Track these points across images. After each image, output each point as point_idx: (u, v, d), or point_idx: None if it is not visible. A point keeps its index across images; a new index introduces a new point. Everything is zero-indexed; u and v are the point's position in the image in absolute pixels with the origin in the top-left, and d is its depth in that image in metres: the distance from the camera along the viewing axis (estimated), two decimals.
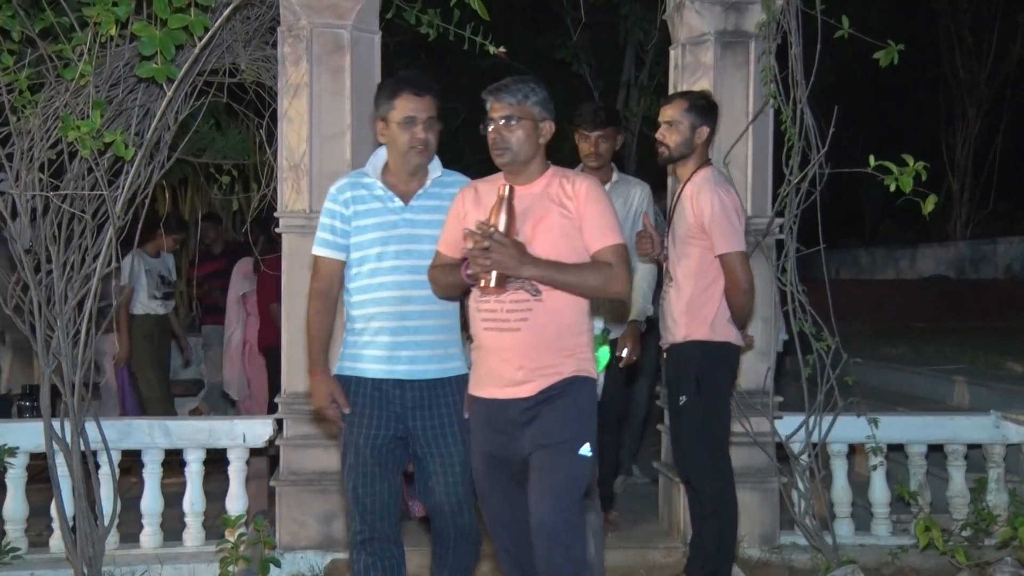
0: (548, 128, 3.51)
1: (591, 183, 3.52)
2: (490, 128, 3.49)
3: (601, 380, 4.10)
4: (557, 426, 3.43)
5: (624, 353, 4.91)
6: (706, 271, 4.37)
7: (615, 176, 5.19)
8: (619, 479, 6.50)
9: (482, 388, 3.55)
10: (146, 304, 7.41)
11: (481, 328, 3.52)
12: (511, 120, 3.45)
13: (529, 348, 3.44)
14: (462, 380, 3.71)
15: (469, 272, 3.40)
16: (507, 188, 3.36)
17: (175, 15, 4.19)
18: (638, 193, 5.14)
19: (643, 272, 5.07)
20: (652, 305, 5.16)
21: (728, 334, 4.42)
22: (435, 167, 3.80)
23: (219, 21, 4.51)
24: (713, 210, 4.27)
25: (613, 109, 5.39)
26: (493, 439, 3.53)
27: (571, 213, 3.45)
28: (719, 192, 4.28)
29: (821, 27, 4.81)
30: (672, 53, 5.45)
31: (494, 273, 3.33)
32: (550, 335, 3.44)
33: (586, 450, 3.44)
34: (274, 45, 5.14)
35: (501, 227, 3.31)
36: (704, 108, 4.49)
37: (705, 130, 4.46)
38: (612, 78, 11.85)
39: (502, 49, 5.02)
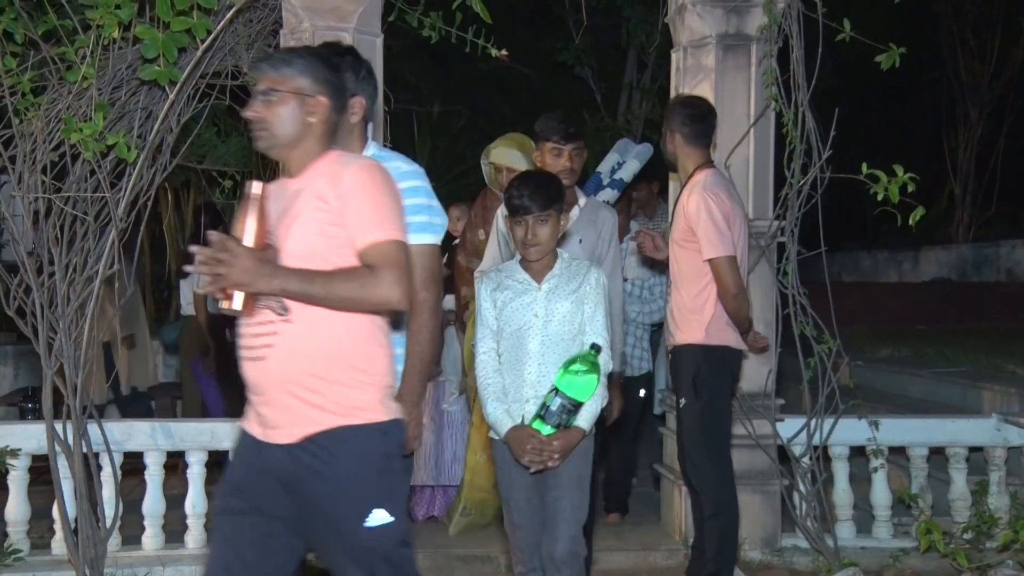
0: (321, 105, 2.86)
1: (363, 166, 2.83)
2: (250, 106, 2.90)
3: (590, 410, 3.56)
4: (331, 501, 2.77)
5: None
6: (699, 275, 4.40)
7: (581, 199, 4.54)
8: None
9: (246, 420, 2.93)
10: (213, 305, 7.39)
11: (241, 357, 2.89)
12: (269, 95, 2.83)
13: (277, 382, 2.78)
14: None
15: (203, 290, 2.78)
16: (255, 186, 2.77)
17: (177, 18, 4.20)
18: (609, 219, 4.52)
19: (615, 313, 4.41)
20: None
21: (726, 338, 4.44)
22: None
23: (221, 24, 4.52)
24: (700, 215, 4.33)
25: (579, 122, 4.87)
26: (244, 475, 2.90)
27: (329, 205, 2.77)
28: (707, 196, 4.33)
29: (823, 30, 4.83)
30: (674, 56, 5.46)
31: (239, 292, 2.68)
32: (303, 365, 2.76)
33: (377, 519, 2.77)
34: (276, 48, 5.14)
35: (248, 233, 2.72)
36: (673, 112, 4.60)
37: (671, 133, 4.57)
38: (614, 81, 11.87)
39: (504, 52, 5.02)
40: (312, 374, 2.76)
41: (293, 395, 2.76)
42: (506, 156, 5.27)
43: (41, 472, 5.12)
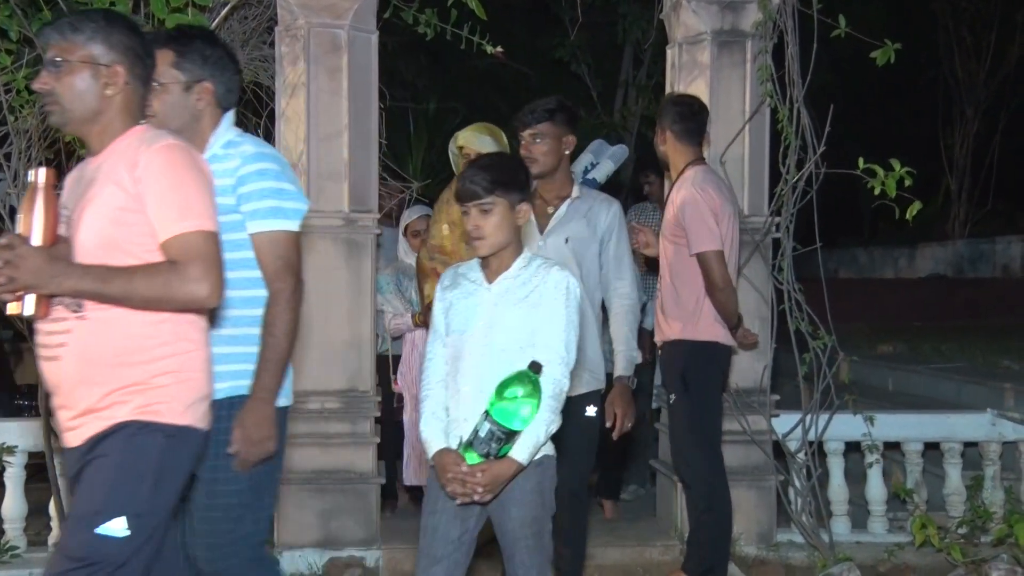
0: (118, 75, 2.59)
1: (163, 146, 2.54)
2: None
3: (531, 440, 2.99)
4: (81, 494, 2.55)
5: (612, 422, 4.03)
6: (688, 270, 4.42)
7: (575, 190, 4.16)
8: (631, 487, 6.49)
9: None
10: None
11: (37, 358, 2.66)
12: (58, 64, 2.55)
13: (73, 382, 2.56)
14: (227, 404, 2.96)
15: None
16: (40, 173, 2.49)
17: (173, 15, 4.21)
18: (604, 211, 4.13)
19: (623, 312, 4.13)
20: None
21: (715, 333, 4.46)
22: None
23: (216, 21, 4.53)
24: (687, 210, 4.35)
25: (564, 104, 4.19)
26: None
27: (125, 191, 2.50)
28: (695, 192, 4.36)
29: (818, 26, 4.84)
30: (669, 52, 5.46)
31: (30, 295, 2.47)
32: (99, 363, 2.53)
33: (111, 528, 2.47)
34: (272, 45, 5.15)
35: (35, 228, 2.47)
36: (664, 110, 4.61)
37: (662, 131, 4.57)
38: (610, 78, 11.88)
39: (499, 49, 5.03)
40: (107, 373, 2.54)
41: (87, 396, 2.55)
42: (473, 140, 4.93)
43: (38, 469, 5.12)
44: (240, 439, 2.93)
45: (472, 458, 2.98)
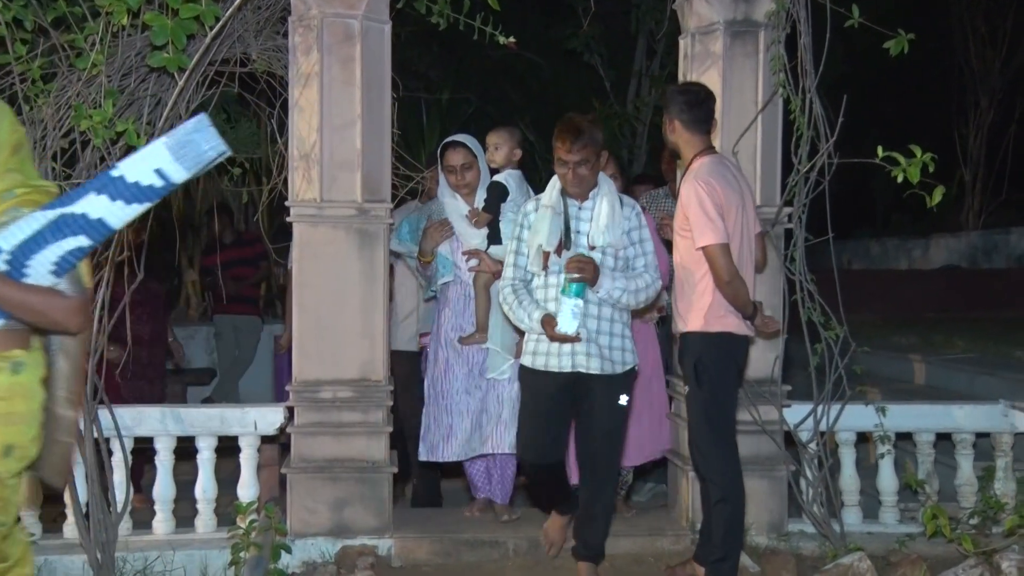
0: None
1: None
2: None
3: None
4: None
5: None
6: (697, 263, 4.45)
7: None
8: (648, 485, 6.47)
9: None
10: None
11: None
12: None
13: None
14: None
15: None
16: None
17: (186, 5, 4.21)
18: None
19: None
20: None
21: (727, 324, 4.47)
22: None
23: (230, 11, 4.53)
24: (691, 204, 4.37)
25: None
26: None
27: None
28: (698, 186, 4.37)
29: (832, 16, 4.82)
30: (681, 43, 5.45)
31: None
32: None
33: None
34: (285, 35, 5.15)
35: None
36: (671, 99, 4.61)
37: (670, 121, 4.58)
38: (624, 68, 11.87)
39: (512, 39, 5.02)
40: None
41: None
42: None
43: None
44: None
45: None
